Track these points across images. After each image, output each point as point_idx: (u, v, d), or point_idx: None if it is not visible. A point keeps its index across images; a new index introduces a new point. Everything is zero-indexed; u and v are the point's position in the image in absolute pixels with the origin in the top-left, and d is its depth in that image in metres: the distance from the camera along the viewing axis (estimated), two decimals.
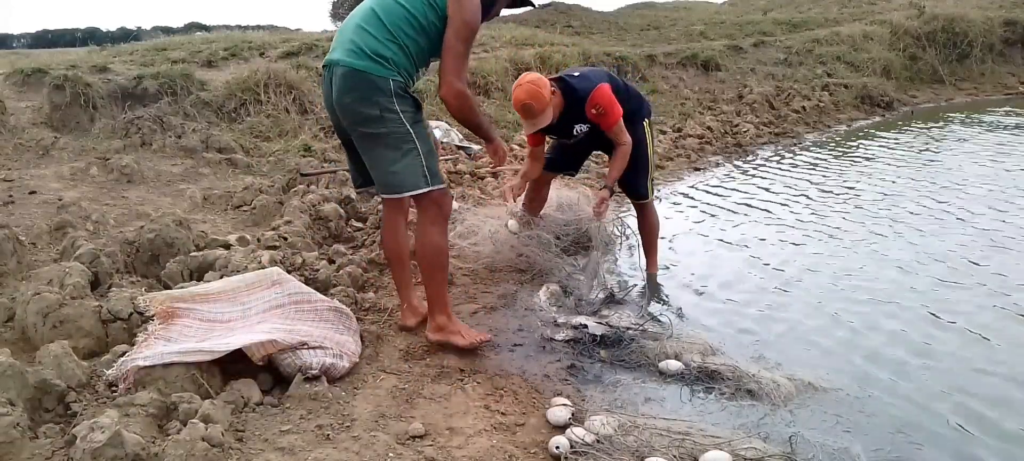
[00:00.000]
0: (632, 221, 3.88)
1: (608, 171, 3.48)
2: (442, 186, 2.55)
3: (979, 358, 2.80)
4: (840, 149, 7.42)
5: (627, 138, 3.37)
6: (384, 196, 2.62)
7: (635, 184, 3.57)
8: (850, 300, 3.40)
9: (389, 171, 2.48)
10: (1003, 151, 6.85)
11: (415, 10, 2.43)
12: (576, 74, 3.36)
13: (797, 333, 3.07)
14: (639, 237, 3.77)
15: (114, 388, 2.15)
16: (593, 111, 3.26)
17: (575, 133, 3.41)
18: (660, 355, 2.72)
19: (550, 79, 3.28)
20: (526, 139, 3.61)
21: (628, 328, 2.96)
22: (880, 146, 7.50)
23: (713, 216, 4.96)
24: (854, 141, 7.87)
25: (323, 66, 2.55)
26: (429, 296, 2.64)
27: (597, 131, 3.38)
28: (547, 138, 3.61)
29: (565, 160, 3.70)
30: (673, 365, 2.66)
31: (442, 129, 6.51)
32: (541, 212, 3.83)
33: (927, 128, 8.53)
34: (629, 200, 3.82)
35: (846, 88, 10.18)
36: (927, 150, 7.12)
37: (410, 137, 2.44)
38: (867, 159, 6.81)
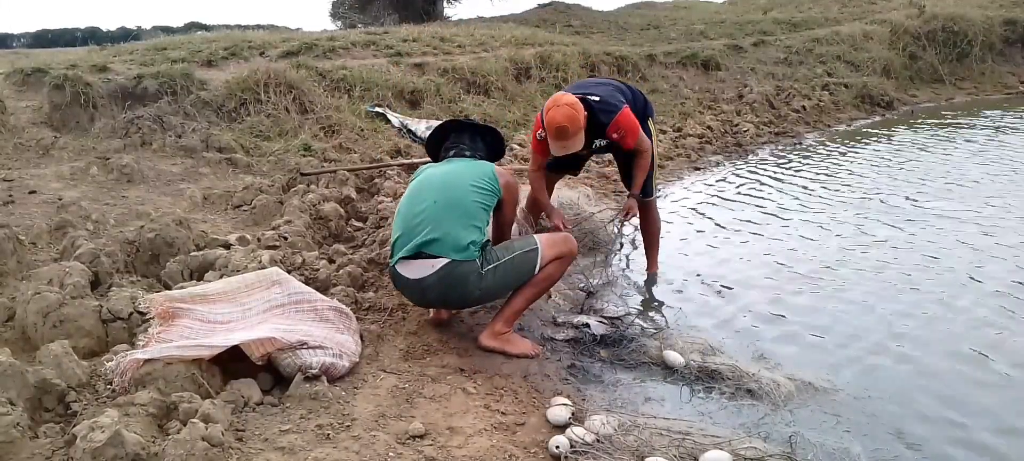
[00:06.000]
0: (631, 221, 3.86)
1: (634, 179, 3.39)
2: None
3: (980, 358, 2.80)
4: (840, 149, 7.42)
5: (648, 145, 3.34)
6: None
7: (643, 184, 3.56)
8: (851, 300, 3.40)
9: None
10: (1005, 150, 6.85)
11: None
12: (595, 97, 3.21)
13: (797, 333, 3.07)
14: (642, 235, 3.77)
15: (112, 384, 2.15)
16: (615, 135, 3.21)
17: (594, 146, 3.36)
18: (660, 355, 2.73)
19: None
20: (533, 151, 3.43)
21: (629, 327, 2.96)
22: (881, 145, 7.50)
23: (713, 216, 4.96)
24: (854, 140, 7.87)
25: None
26: (517, 306, 2.74)
27: (613, 145, 3.35)
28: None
29: (568, 160, 3.68)
30: (675, 357, 2.68)
31: None
32: (541, 214, 3.82)
33: (927, 127, 8.53)
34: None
35: (846, 87, 10.17)
36: (928, 149, 7.11)
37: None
38: (867, 158, 6.81)
